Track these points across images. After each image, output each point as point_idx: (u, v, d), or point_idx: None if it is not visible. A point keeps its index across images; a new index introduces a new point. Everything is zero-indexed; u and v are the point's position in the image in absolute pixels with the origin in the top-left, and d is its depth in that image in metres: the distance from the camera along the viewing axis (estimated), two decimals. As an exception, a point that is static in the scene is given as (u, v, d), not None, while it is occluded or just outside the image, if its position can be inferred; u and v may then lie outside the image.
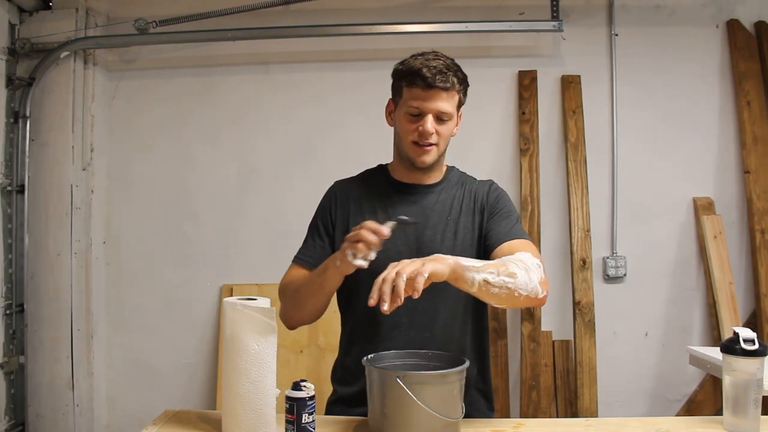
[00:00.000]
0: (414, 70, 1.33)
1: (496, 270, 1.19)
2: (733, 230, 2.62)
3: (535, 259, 1.29)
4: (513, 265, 1.22)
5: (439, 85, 1.31)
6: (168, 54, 2.74)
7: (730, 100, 2.65)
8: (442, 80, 1.32)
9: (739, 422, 1.19)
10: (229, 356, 1.13)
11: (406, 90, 1.36)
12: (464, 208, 1.43)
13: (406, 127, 1.37)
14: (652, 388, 2.63)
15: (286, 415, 1.12)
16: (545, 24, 2.56)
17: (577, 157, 2.61)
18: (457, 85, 1.35)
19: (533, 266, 1.25)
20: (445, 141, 1.39)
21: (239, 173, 2.73)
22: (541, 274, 1.27)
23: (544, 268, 1.29)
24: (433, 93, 1.32)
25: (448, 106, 1.35)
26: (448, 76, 1.33)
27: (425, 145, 1.36)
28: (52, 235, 2.57)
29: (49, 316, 2.56)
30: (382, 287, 1.07)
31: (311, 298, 1.35)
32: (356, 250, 1.19)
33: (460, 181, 1.48)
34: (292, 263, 1.46)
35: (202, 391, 2.70)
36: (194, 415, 1.30)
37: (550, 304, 2.59)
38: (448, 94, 1.34)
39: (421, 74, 1.31)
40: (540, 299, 1.26)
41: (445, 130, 1.37)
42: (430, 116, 1.34)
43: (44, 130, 2.59)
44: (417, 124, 1.35)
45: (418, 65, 1.33)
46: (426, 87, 1.32)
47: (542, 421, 1.32)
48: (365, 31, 2.61)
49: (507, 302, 1.23)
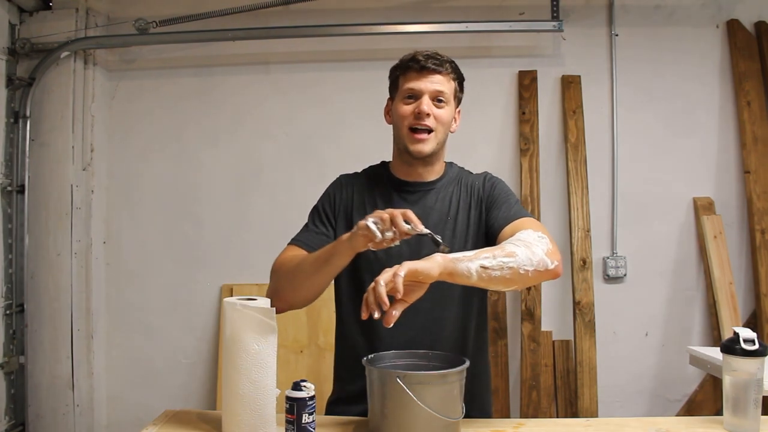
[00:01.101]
0: (407, 58, 1.40)
1: (492, 254, 1.16)
2: (733, 230, 2.62)
3: (537, 232, 1.25)
4: (510, 246, 1.20)
5: (431, 66, 1.37)
6: (168, 54, 2.74)
7: (730, 100, 2.65)
8: (435, 63, 1.37)
9: (739, 422, 1.19)
10: (229, 356, 1.13)
11: (402, 79, 1.40)
12: (462, 204, 1.43)
13: (402, 112, 1.39)
14: (652, 388, 2.63)
15: (286, 415, 1.12)
16: (545, 24, 2.56)
17: (577, 157, 2.61)
18: (451, 72, 1.39)
19: (535, 240, 1.22)
20: (443, 128, 1.39)
21: (239, 173, 2.73)
22: (547, 245, 1.22)
23: (550, 238, 1.26)
24: (427, 74, 1.37)
25: (444, 88, 1.38)
26: (442, 61, 1.38)
27: (422, 130, 1.37)
28: (52, 235, 2.58)
29: (49, 316, 2.56)
30: (368, 299, 1.08)
31: (313, 276, 1.30)
32: (381, 220, 1.16)
33: (458, 178, 1.48)
34: (289, 245, 1.42)
35: (202, 391, 2.70)
36: (194, 415, 1.30)
37: (550, 304, 2.60)
38: (443, 77, 1.38)
39: (415, 59, 1.38)
40: (552, 270, 1.21)
41: (443, 115, 1.38)
42: (426, 96, 1.37)
43: (44, 130, 2.59)
44: (413, 106, 1.37)
45: (411, 54, 1.40)
46: (420, 69, 1.37)
47: (542, 421, 1.31)
48: (365, 31, 2.61)
49: (517, 283, 1.18)
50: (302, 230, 1.46)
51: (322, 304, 2.59)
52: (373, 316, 1.07)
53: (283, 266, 1.37)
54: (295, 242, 1.42)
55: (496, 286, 1.19)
